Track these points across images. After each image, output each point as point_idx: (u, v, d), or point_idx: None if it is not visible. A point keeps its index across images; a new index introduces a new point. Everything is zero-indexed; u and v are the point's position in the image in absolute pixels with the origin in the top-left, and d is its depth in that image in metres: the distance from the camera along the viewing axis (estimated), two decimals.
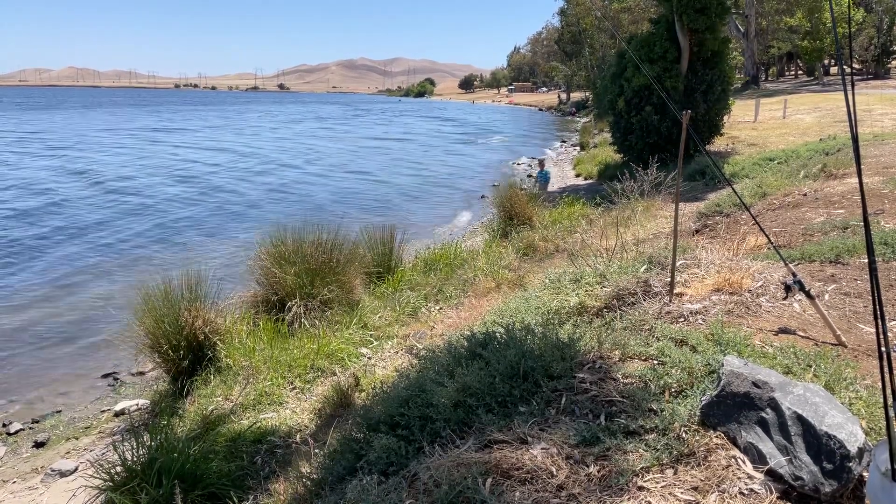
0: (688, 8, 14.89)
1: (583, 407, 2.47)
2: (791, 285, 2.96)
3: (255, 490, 3.84)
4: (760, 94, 35.38)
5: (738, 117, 22.71)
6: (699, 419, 2.20)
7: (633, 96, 15.94)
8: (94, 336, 8.22)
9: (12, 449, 5.68)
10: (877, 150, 10.19)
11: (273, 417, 5.04)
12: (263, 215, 15.73)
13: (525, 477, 2.05)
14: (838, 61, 23.92)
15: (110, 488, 3.74)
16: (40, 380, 7.07)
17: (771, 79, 61.28)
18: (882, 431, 2.06)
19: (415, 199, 19.08)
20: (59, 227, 14.31)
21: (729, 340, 2.77)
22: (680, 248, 4.40)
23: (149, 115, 69.46)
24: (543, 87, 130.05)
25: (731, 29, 38.56)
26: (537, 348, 2.83)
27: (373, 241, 8.93)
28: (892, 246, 4.27)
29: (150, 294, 6.08)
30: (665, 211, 9.22)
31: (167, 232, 14.20)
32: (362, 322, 6.86)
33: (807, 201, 7.33)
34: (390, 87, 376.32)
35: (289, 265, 7.11)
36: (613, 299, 3.99)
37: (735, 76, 19.96)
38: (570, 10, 49.02)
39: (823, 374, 2.45)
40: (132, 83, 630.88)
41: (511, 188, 12.04)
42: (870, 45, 46.17)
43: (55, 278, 10.65)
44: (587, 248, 6.54)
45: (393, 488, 2.20)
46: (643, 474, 2.00)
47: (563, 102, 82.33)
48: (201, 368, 5.98)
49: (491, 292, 7.23)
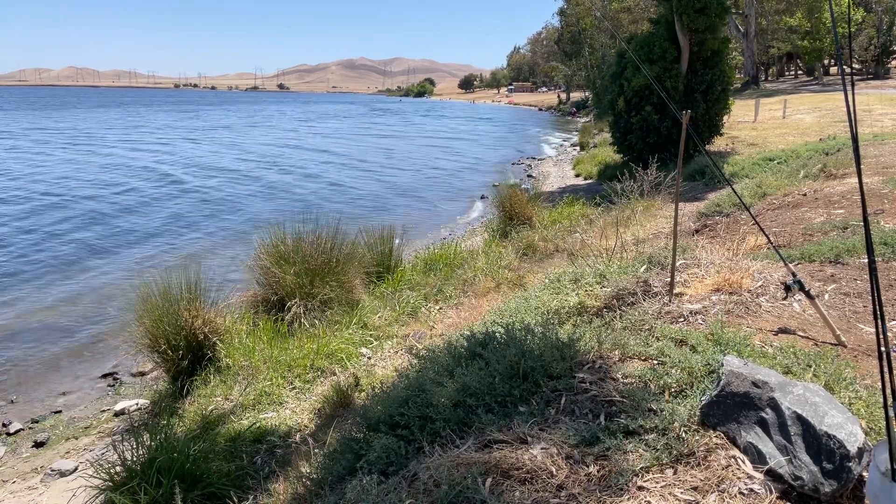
0: (687, 8, 14.89)
1: (582, 407, 2.47)
2: (791, 285, 2.96)
3: (254, 490, 3.84)
4: (760, 94, 35.37)
5: (737, 117, 22.71)
6: (699, 419, 2.20)
7: (633, 96, 15.93)
8: (94, 336, 8.22)
9: (12, 449, 5.67)
10: (876, 150, 10.20)
11: (273, 417, 5.03)
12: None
13: (525, 477, 2.05)
14: (838, 61, 23.89)
15: (110, 488, 3.74)
16: (40, 380, 7.06)
17: (771, 79, 61.28)
18: (882, 431, 2.06)
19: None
20: (65, 226, 14.31)
21: (729, 340, 2.77)
22: (680, 248, 4.40)
23: (170, 114, 69.89)
24: (543, 87, 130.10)
25: (730, 29, 38.56)
26: (537, 348, 2.83)
27: (371, 240, 8.93)
28: (891, 246, 4.27)
29: (149, 293, 6.08)
30: (665, 211, 9.22)
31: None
32: (362, 322, 6.86)
33: (806, 201, 7.34)
34: (390, 87, 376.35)
35: (288, 265, 7.11)
36: (613, 299, 3.99)
37: (735, 76, 19.94)
38: (570, 10, 49.08)
39: (823, 374, 2.45)
40: (132, 83, 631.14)
41: (511, 188, 12.05)
42: (870, 45, 46.18)
43: (55, 278, 10.65)
44: (587, 247, 6.55)
45: (393, 488, 2.20)
46: (643, 474, 2.00)
47: (563, 102, 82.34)
48: (201, 368, 5.98)
49: (491, 292, 7.23)
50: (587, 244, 6.90)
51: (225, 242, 13.25)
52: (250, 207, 17.14)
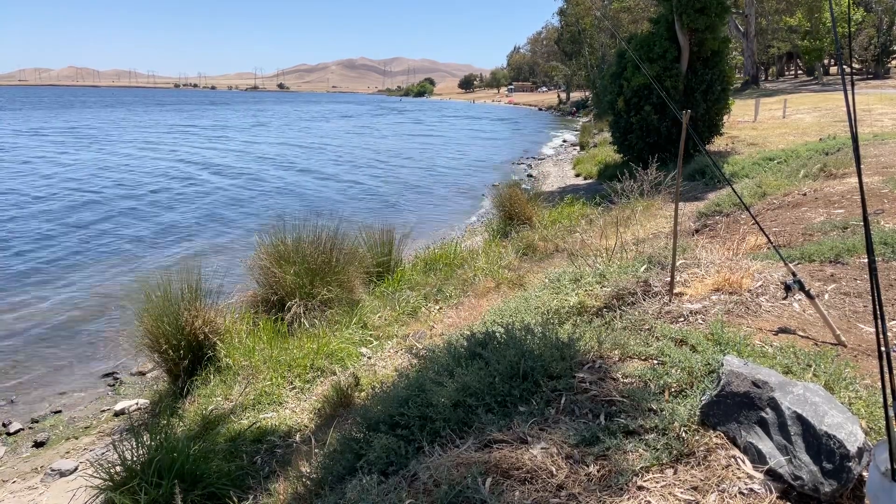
0: (687, 7, 14.88)
1: (582, 407, 2.47)
2: (791, 285, 2.96)
3: (254, 490, 3.84)
4: (760, 94, 35.37)
5: (737, 117, 22.71)
6: (699, 419, 2.20)
7: (633, 96, 15.93)
8: (94, 336, 8.22)
9: (12, 448, 5.67)
10: (876, 150, 10.20)
11: (273, 417, 5.04)
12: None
13: (525, 476, 2.05)
14: (838, 61, 23.84)
15: (110, 488, 3.74)
16: (40, 380, 7.06)
17: (771, 78, 61.27)
18: (882, 431, 2.06)
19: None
20: (60, 227, 14.31)
21: (729, 340, 2.77)
22: (680, 248, 4.40)
23: (191, 113, 70.59)
24: (543, 86, 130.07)
25: (730, 28, 38.55)
26: (537, 348, 2.83)
27: (371, 240, 8.92)
28: (891, 246, 4.26)
29: (149, 293, 6.07)
30: (665, 211, 9.22)
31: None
32: (362, 322, 6.86)
33: (806, 201, 7.33)
34: (390, 87, 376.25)
35: (288, 264, 7.11)
36: (613, 299, 3.99)
37: (735, 76, 19.93)
38: (570, 9, 49.05)
39: (823, 374, 2.45)
40: (132, 82, 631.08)
41: (511, 188, 12.05)
42: (869, 44, 46.18)
43: (55, 277, 10.65)
44: (587, 247, 6.55)
45: (393, 488, 2.20)
46: (643, 474, 2.00)
47: (563, 102, 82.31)
48: (201, 368, 5.98)
49: (490, 292, 7.23)
50: (587, 244, 6.90)
51: (237, 241, 13.26)
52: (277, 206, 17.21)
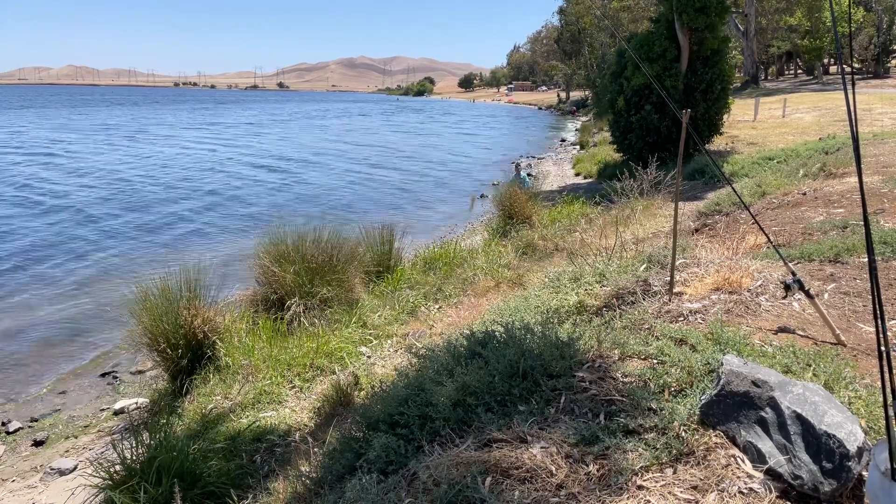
0: (687, 7, 14.88)
1: (582, 406, 2.47)
2: (790, 284, 2.95)
3: (254, 489, 3.83)
4: (760, 93, 35.37)
5: (737, 116, 22.70)
6: (699, 418, 2.20)
7: (633, 95, 15.92)
8: (94, 335, 8.22)
9: (11, 447, 5.67)
10: (876, 150, 10.19)
11: (272, 416, 5.03)
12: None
13: (524, 476, 2.05)
14: (838, 60, 23.82)
15: (109, 487, 3.74)
16: (39, 378, 7.06)
17: (771, 78, 61.29)
18: (881, 430, 2.06)
19: None
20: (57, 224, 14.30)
21: (728, 339, 2.77)
22: (679, 247, 4.40)
23: (192, 112, 70.98)
24: (543, 85, 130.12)
25: (730, 28, 38.52)
26: (536, 347, 2.83)
27: (371, 239, 8.91)
28: (891, 245, 4.26)
29: (149, 292, 6.07)
30: (665, 210, 9.22)
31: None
32: (362, 321, 6.86)
33: (806, 200, 7.33)
34: (390, 86, 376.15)
35: (288, 264, 7.11)
36: (613, 298, 3.99)
37: (735, 75, 19.94)
38: (570, 8, 49.01)
39: (823, 374, 2.44)
40: (132, 81, 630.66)
41: (510, 187, 12.04)
42: (870, 44, 46.17)
43: (55, 277, 10.64)
44: (587, 247, 6.54)
45: (392, 487, 2.20)
46: (642, 473, 2.00)
47: (563, 101, 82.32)
48: (200, 367, 5.97)
49: (490, 291, 7.23)
50: (587, 243, 6.90)
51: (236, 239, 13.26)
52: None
